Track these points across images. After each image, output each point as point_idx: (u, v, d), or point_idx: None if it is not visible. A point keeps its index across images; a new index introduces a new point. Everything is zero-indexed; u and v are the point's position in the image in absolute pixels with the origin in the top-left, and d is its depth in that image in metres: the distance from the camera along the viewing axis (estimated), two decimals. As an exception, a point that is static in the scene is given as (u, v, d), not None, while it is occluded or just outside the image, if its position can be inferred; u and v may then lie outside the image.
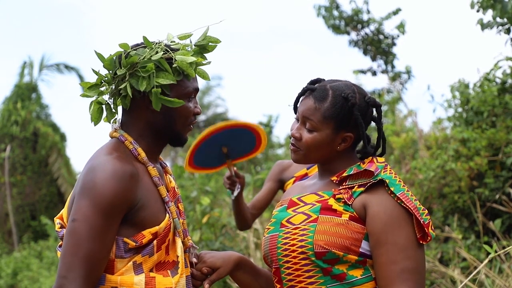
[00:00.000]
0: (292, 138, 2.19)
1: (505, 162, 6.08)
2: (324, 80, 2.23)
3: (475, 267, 5.26)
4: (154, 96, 2.04)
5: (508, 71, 6.55)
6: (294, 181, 3.62)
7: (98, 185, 1.94)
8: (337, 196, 2.10)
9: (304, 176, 3.52)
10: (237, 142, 3.82)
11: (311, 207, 2.11)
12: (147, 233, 2.00)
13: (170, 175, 2.25)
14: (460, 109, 7.08)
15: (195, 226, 6.97)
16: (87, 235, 1.91)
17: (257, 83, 42.78)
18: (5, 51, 37.92)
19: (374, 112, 2.23)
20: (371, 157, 2.18)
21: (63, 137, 18.51)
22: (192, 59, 2.07)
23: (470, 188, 6.28)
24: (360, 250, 2.05)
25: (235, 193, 3.69)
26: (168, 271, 2.04)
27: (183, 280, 2.08)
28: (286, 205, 2.20)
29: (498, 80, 6.67)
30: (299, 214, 2.12)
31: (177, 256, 2.08)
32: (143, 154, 2.08)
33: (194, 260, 2.18)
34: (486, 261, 2.91)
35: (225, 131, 3.74)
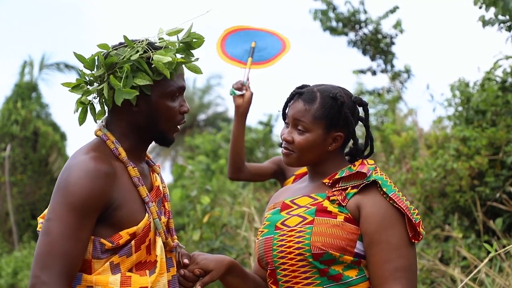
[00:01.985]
0: (284, 142, 2.22)
1: (506, 161, 6.08)
2: (309, 85, 2.28)
3: (476, 266, 5.26)
4: (116, 91, 2.02)
5: (509, 69, 6.55)
6: (294, 179, 3.63)
7: (71, 183, 1.94)
8: (331, 198, 2.13)
9: (305, 174, 3.52)
10: (264, 44, 3.82)
11: (306, 210, 2.14)
12: (124, 234, 1.99)
13: (158, 174, 2.23)
14: (460, 108, 7.08)
15: (195, 225, 6.98)
16: (60, 234, 1.90)
17: (257, 82, 42.73)
18: (5, 50, 37.93)
19: (361, 112, 2.29)
20: (361, 160, 2.22)
21: (63, 137, 18.52)
22: (168, 59, 2.03)
23: (471, 187, 6.28)
24: (355, 250, 2.09)
25: (238, 92, 3.58)
26: (147, 271, 2.03)
27: (164, 279, 2.08)
28: (279, 208, 2.22)
29: (498, 79, 6.67)
30: (294, 217, 2.15)
31: (157, 256, 2.07)
32: (123, 154, 2.06)
33: (186, 261, 2.18)
34: (486, 260, 2.92)
35: (256, 31, 3.78)
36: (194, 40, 2.11)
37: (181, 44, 2.11)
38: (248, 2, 48.61)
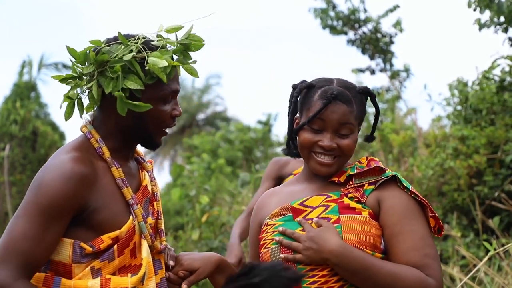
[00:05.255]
0: (324, 150, 2.08)
1: (504, 160, 6.08)
2: (307, 81, 2.17)
3: (475, 265, 5.26)
4: (118, 100, 1.92)
5: (507, 69, 6.55)
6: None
7: (43, 184, 1.89)
8: (349, 196, 2.07)
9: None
10: None
11: (325, 209, 2.05)
12: (106, 238, 1.92)
13: (147, 171, 2.14)
14: (459, 107, 7.08)
15: (194, 224, 6.98)
16: (23, 233, 1.85)
17: (256, 82, 42.80)
18: (4, 50, 37.93)
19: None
20: (365, 156, 2.17)
21: (62, 136, 18.50)
22: (164, 63, 1.91)
23: (469, 186, 6.28)
24: (381, 246, 2.05)
25: None
26: (129, 274, 1.96)
27: (153, 283, 2.01)
28: (291, 215, 2.10)
29: (496, 78, 6.67)
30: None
31: (141, 259, 1.99)
32: (107, 154, 1.99)
33: (171, 263, 2.10)
34: (485, 259, 2.92)
35: None
36: (193, 42, 2.00)
37: (179, 45, 2.00)
38: (248, 2, 48.61)
